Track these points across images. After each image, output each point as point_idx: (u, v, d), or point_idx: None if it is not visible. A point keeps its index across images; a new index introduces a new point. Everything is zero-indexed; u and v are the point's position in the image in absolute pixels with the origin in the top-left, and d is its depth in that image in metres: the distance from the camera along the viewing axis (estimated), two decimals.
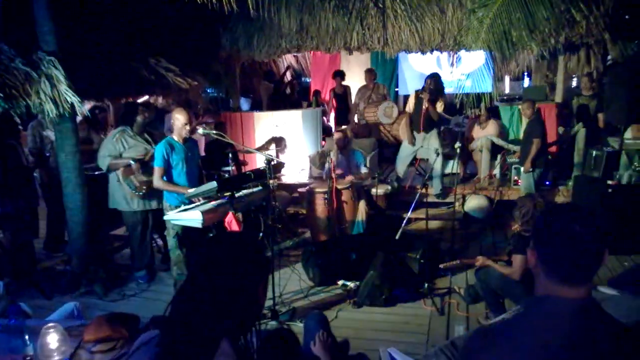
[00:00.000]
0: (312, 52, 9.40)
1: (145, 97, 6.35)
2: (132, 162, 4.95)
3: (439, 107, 6.48)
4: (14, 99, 4.30)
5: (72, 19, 5.40)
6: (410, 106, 6.71)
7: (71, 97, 4.54)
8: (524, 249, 3.40)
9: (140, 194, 5.00)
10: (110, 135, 5.14)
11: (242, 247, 1.30)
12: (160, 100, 6.63)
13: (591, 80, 7.43)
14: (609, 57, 7.56)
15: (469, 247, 5.79)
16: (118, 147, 4.97)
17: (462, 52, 6.72)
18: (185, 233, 4.51)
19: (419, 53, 7.09)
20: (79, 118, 5.45)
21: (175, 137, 4.57)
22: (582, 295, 1.28)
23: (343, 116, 9.03)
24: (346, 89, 9.09)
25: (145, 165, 4.96)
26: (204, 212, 4.02)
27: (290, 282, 4.91)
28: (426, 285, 4.56)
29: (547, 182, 6.75)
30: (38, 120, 5.79)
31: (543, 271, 1.31)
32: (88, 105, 5.98)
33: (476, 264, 3.97)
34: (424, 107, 6.39)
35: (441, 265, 4.34)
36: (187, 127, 4.56)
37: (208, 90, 11.13)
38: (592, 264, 1.28)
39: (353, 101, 8.97)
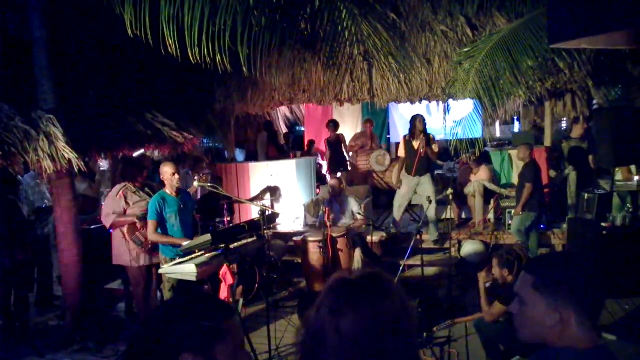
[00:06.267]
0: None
1: (141, 151, 6.44)
2: (137, 220, 4.94)
3: (435, 147, 6.62)
4: (12, 156, 4.37)
5: (70, 77, 5.56)
6: (402, 151, 6.84)
7: (69, 153, 4.61)
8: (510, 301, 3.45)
9: (147, 249, 4.97)
10: (113, 192, 5.14)
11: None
12: (156, 153, 6.74)
13: (581, 123, 7.59)
14: (594, 102, 7.78)
15: (467, 294, 5.74)
16: (121, 203, 4.97)
17: (451, 101, 6.90)
18: (181, 286, 4.49)
19: (408, 103, 7.29)
20: None
21: (168, 190, 4.63)
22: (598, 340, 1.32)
23: (336, 164, 9.16)
24: (339, 137, 9.26)
25: None
26: (198, 265, 4.02)
27: (287, 334, 4.83)
28: (425, 334, 4.50)
29: (542, 226, 6.78)
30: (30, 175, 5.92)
31: (577, 321, 1.31)
32: None
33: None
34: (421, 150, 6.51)
35: (434, 329, 4.35)
36: (177, 178, 4.63)
37: (203, 141, 11.31)
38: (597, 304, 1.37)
39: (348, 143, 9.16)
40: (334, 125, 9.20)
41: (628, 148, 5.28)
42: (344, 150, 9.25)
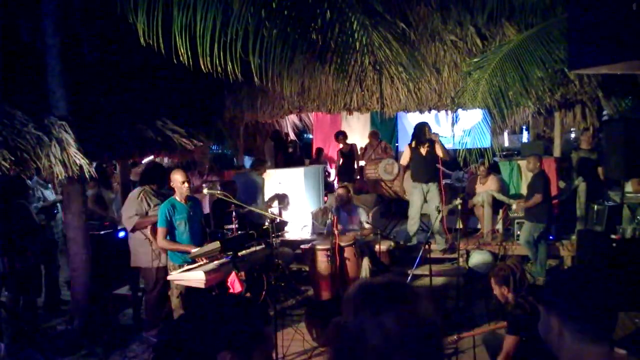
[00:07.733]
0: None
1: (150, 157, 6.49)
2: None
3: (439, 149, 6.64)
4: (24, 162, 4.42)
5: (82, 83, 5.63)
6: (406, 159, 6.82)
7: (80, 159, 4.66)
8: (518, 328, 3.21)
9: None
10: (133, 195, 5.14)
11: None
12: (165, 160, 6.79)
13: (592, 134, 7.56)
14: (604, 113, 7.75)
15: (475, 305, 5.70)
16: (143, 205, 4.98)
17: (460, 110, 6.90)
18: (189, 293, 4.51)
19: (417, 112, 7.30)
20: None
21: (177, 197, 4.66)
22: (607, 354, 1.29)
23: (347, 173, 9.16)
24: (352, 147, 9.28)
25: None
26: (206, 272, 4.04)
27: (294, 343, 4.82)
28: None
29: (551, 237, 6.74)
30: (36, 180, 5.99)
31: (589, 337, 1.29)
32: None
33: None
34: (438, 152, 6.50)
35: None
36: (186, 186, 4.65)
37: (212, 148, 11.36)
38: (611, 318, 1.32)
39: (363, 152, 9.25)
40: (344, 136, 9.24)
41: (639, 159, 5.24)
42: (356, 161, 9.29)
